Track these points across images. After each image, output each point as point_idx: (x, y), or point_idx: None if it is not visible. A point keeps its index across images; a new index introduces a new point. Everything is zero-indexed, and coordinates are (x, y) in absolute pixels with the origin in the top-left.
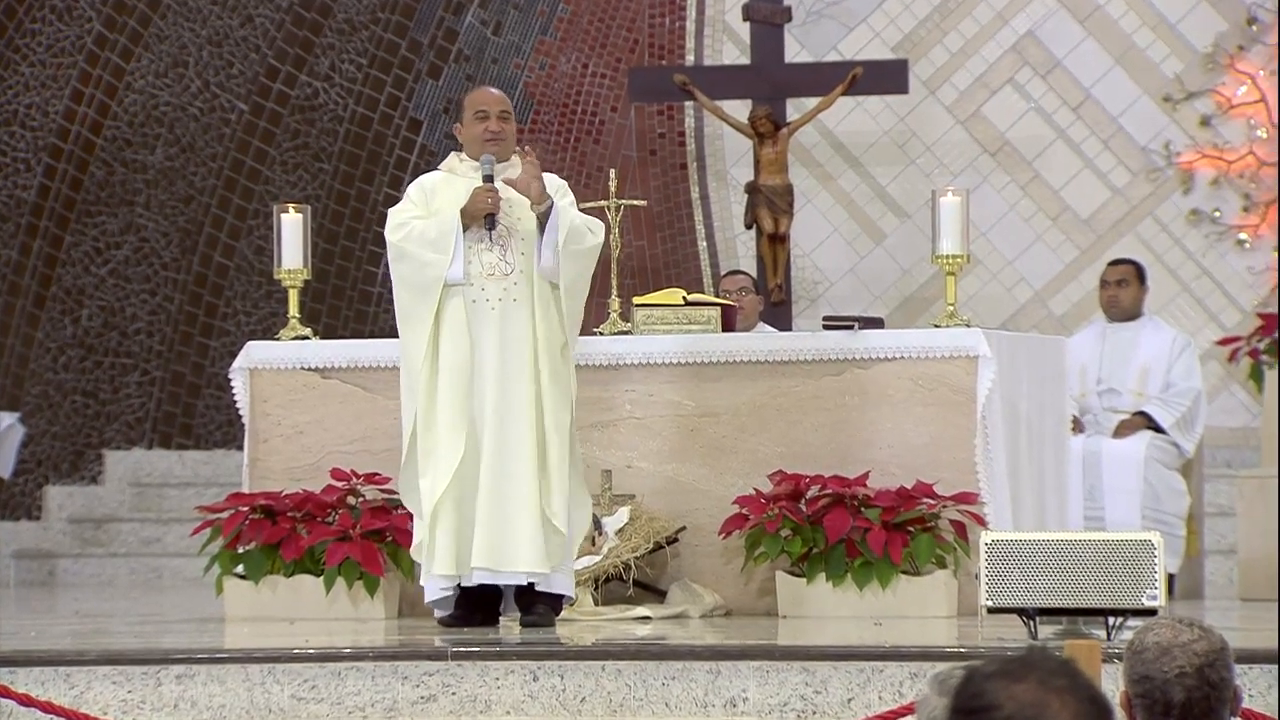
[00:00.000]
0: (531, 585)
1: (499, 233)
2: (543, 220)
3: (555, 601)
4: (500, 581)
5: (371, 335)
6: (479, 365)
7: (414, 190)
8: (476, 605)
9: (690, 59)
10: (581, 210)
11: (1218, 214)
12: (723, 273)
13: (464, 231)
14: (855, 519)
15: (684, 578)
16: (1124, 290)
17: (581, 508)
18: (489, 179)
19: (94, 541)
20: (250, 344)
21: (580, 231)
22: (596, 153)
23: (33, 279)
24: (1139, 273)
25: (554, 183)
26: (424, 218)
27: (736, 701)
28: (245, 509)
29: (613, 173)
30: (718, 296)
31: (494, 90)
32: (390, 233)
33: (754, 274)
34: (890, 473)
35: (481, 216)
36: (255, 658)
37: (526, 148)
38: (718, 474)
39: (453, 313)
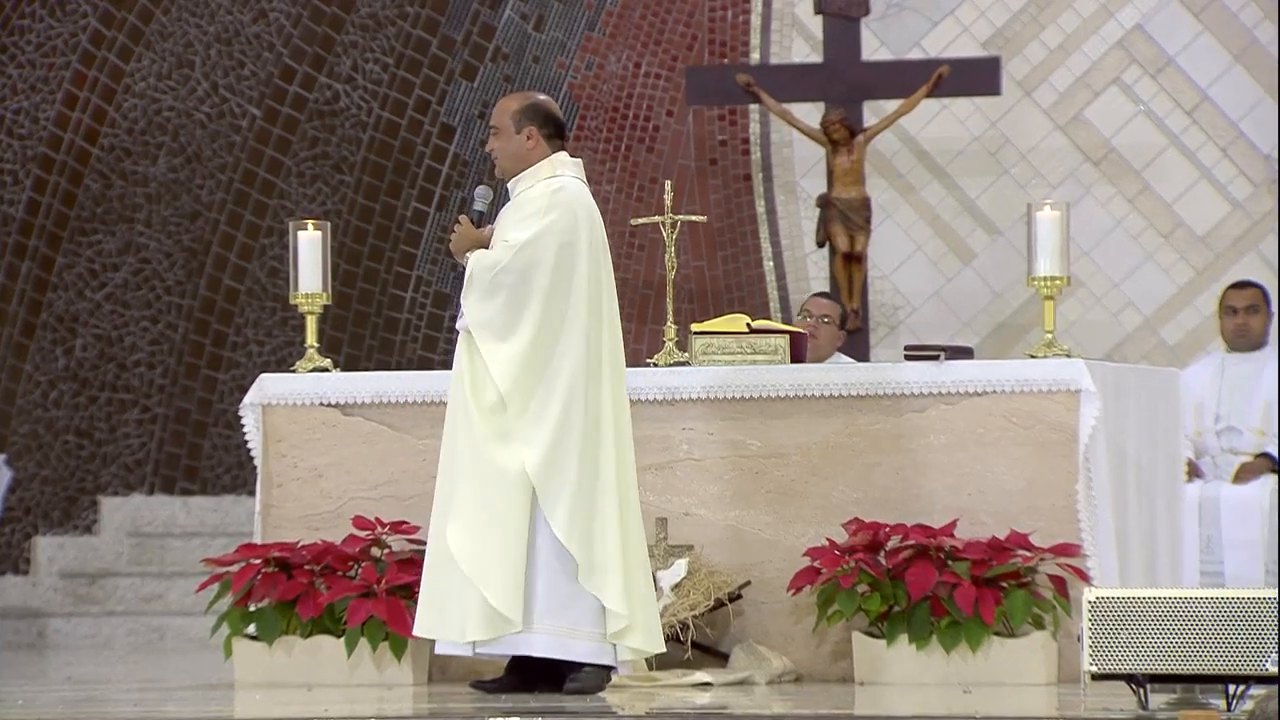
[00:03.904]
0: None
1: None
2: None
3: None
4: (442, 652)
5: (398, 367)
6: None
7: None
8: (533, 672)
9: (755, 57)
10: (634, 224)
11: None
12: (808, 294)
13: None
14: (941, 573)
15: (748, 639)
16: (1255, 318)
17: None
18: (478, 215)
19: (88, 599)
20: (263, 377)
21: (472, 280)
22: (650, 162)
23: (21, 305)
24: (1267, 297)
25: (525, 199)
26: None
27: None
28: (257, 562)
29: (668, 184)
30: (797, 317)
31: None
32: None
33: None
34: (980, 521)
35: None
36: None
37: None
38: (786, 522)
39: None
